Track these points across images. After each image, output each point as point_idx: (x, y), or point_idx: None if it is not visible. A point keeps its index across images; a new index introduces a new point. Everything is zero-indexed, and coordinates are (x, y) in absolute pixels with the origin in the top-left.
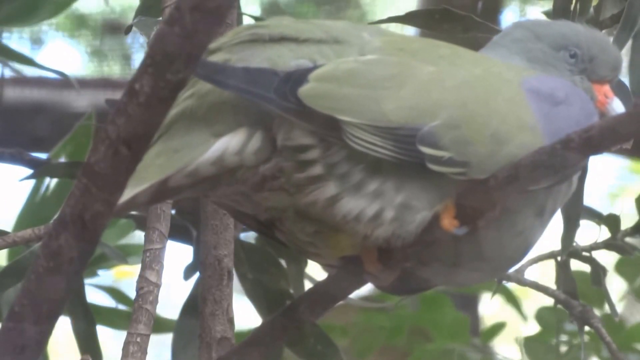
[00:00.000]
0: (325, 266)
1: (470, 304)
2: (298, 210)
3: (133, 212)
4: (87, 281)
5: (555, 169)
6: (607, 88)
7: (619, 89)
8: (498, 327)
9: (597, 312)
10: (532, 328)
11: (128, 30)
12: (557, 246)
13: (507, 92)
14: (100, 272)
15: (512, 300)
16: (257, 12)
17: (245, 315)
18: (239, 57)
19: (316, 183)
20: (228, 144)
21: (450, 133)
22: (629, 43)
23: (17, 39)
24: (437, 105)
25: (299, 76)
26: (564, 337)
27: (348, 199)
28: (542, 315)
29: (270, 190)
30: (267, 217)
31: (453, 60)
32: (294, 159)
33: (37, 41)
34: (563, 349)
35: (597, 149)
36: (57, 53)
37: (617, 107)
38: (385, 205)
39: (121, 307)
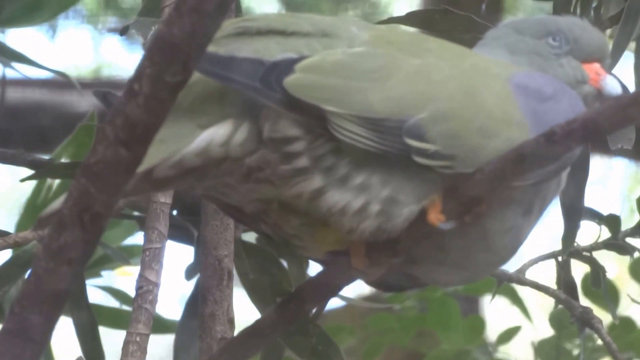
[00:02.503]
0: (313, 260)
1: (472, 306)
2: (283, 202)
3: (134, 213)
4: (89, 282)
5: (541, 162)
6: (597, 66)
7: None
8: (513, 331)
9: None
10: (536, 329)
11: (125, 30)
12: (557, 246)
13: (494, 86)
14: (103, 272)
15: (518, 301)
16: (275, 6)
17: (246, 315)
18: (227, 50)
19: (301, 175)
20: (214, 135)
21: (437, 126)
22: (633, 45)
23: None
24: (424, 98)
25: (285, 66)
26: (577, 341)
27: (333, 192)
28: (554, 318)
29: (256, 182)
30: (252, 209)
31: (440, 53)
32: (280, 151)
33: (51, 31)
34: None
35: (580, 141)
36: (61, 53)
37: (611, 81)
38: (371, 198)
39: (124, 307)
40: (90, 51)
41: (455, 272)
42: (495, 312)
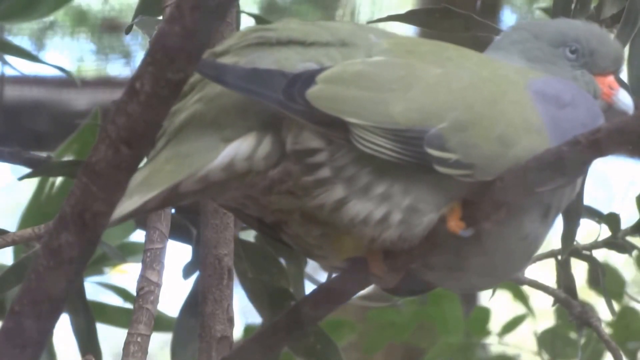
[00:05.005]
0: (329, 268)
1: (471, 300)
2: (305, 213)
3: None
4: (92, 279)
5: (562, 171)
6: (611, 79)
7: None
8: (517, 321)
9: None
10: (537, 323)
11: (129, 29)
12: (557, 245)
13: (513, 94)
14: (105, 269)
15: (520, 296)
16: (255, 11)
17: (246, 314)
18: (247, 60)
19: (324, 186)
20: (238, 149)
21: (458, 135)
22: (629, 42)
23: (18, 40)
24: (444, 108)
25: (307, 78)
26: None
27: (355, 202)
28: (560, 308)
29: (278, 194)
30: (273, 220)
31: (460, 62)
32: (303, 163)
33: (38, 40)
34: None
35: (604, 151)
36: (58, 52)
37: (623, 97)
38: (393, 208)
39: (127, 305)
40: (81, 50)
41: (472, 278)
42: (495, 310)
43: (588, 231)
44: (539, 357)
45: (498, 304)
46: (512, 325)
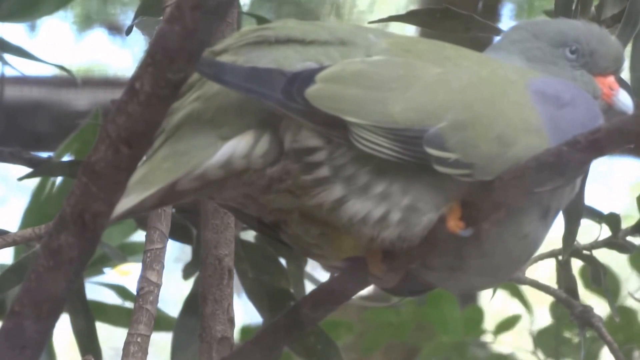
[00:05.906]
0: (329, 267)
1: (471, 301)
2: (304, 212)
3: None
4: (93, 279)
5: (561, 170)
6: (611, 80)
7: (621, 86)
8: (512, 320)
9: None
10: (535, 321)
11: (129, 30)
12: (557, 245)
13: (513, 94)
14: (106, 269)
15: (518, 295)
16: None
17: (245, 314)
18: (246, 59)
19: (322, 185)
20: (236, 147)
21: (457, 135)
22: (630, 42)
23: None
24: (443, 107)
25: (306, 77)
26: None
27: (354, 201)
28: (554, 307)
29: (277, 193)
30: (272, 219)
31: (459, 61)
32: (301, 161)
33: (31, 26)
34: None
35: (604, 151)
36: (51, 37)
37: (623, 97)
38: (392, 207)
39: (128, 304)
40: (77, 49)
41: (471, 278)
42: (493, 308)
43: (588, 230)
44: (535, 356)
45: (498, 303)
46: (507, 324)
